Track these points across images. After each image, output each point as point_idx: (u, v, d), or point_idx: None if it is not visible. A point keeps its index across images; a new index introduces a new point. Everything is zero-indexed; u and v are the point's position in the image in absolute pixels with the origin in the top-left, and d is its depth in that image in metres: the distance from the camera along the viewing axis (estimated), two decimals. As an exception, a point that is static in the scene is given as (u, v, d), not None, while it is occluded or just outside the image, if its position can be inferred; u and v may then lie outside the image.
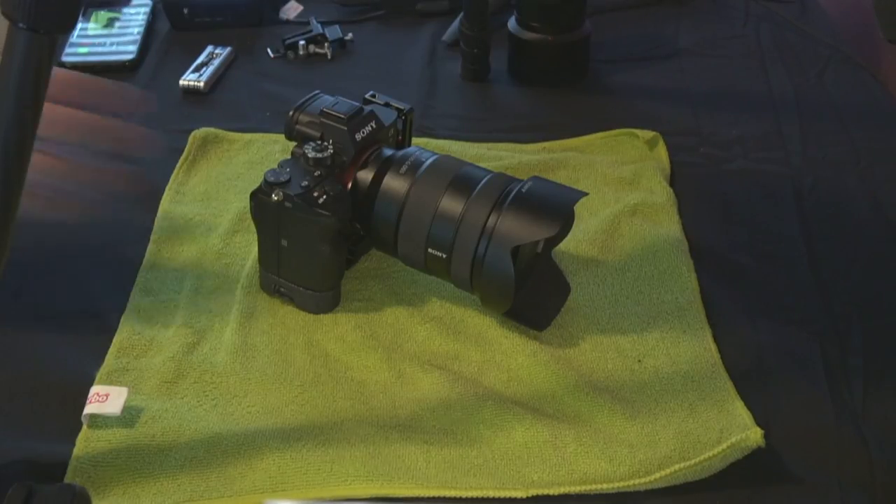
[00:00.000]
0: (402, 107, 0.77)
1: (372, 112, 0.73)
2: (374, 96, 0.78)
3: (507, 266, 0.67)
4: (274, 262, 0.73)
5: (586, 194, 0.70)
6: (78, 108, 0.75)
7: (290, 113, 0.73)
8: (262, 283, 0.75)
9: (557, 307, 0.73)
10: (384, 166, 0.72)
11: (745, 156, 0.93)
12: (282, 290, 0.73)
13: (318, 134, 0.72)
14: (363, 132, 0.72)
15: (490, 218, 0.68)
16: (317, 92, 0.75)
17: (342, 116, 0.71)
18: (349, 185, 0.72)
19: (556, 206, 0.69)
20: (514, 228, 0.67)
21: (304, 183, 0.69)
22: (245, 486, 0.62)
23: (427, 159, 0.72)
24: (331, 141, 0.72)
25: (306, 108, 0.73)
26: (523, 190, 0.68)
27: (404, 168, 0.71)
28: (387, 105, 0.77)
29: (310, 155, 0.71)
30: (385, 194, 0.71)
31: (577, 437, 0.64)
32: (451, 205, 0.69)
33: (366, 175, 0.72)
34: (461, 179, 0.70)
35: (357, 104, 0.73)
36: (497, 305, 0.70)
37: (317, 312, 0.74)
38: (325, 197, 0.69)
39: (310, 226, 0.69)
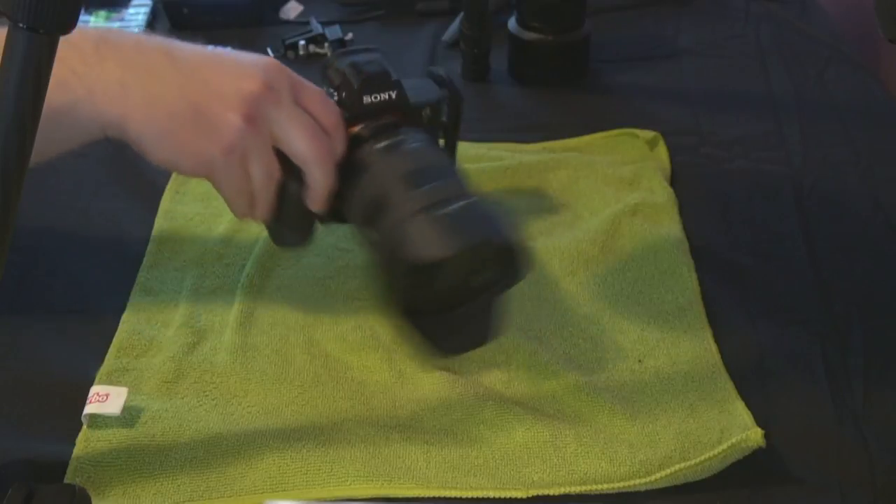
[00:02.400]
0: (452, 93, 0.74)
1: (397, 82, 0.71)
2: (440, 73, 0.75)
3: (399, 274, 0.64)
4: None
5: (517, 239, 0.65)
6: None
7: (330, 54, 0.72)
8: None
9: (465, 348, 0.69)
10: (374, 135, 0.69)
11: (745, 156, 0.93)
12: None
13: (336, 82, 0.70)
14: (375, 97, 0.70)
15: (411, 219, 0.64)
16: (375, 48, 0.73)
17: (360, 74, 0.69)
18: None
19: (468, 233, 0.63)
20: (417, 239, 0.63)
21: None
22: (245, 486, 0.62)
23: (409, 144, 0.69)
24: (343, 94, 0.70)
25: (346, 56, 0.71)
26: (459, 205, 0.64)
27: (383, 144, 0.69)
28: (443, 86, 0.74)
29: None
30: (352, 161, 0.69)
31: (577, 437, 0.64)
32: (395, 193, 0.66)
33: (355, 137, 0.70)
34: (419, 172, 0.67)
35: (388, 71, 0.70)
36: (385, 308, 0.67)
37: (282, 245, 0.74)
38: None
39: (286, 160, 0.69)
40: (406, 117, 0.71)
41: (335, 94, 0.70)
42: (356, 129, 0.70)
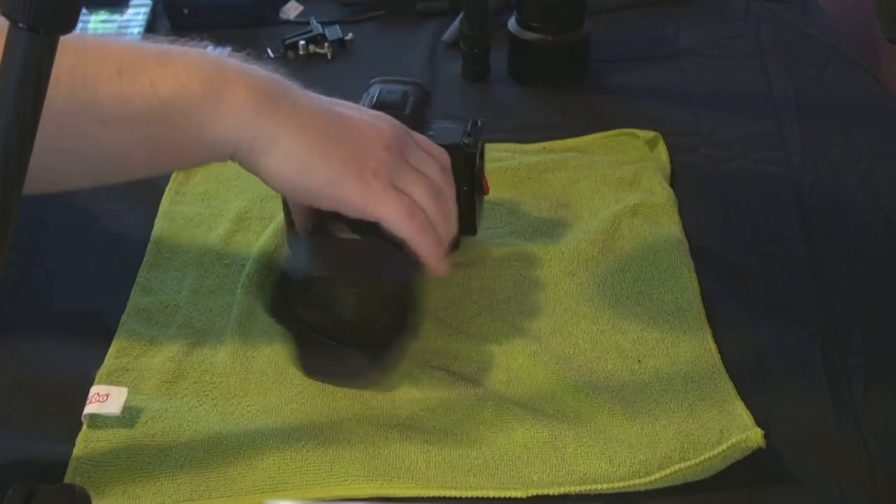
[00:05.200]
0: (470, 147, 0.74)
1: (412, 118, 0.73)
2: (477, 123, 0.76)
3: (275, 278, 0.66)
4: None
5: (406, 283, 0.66)
6: None
7: (372, 80, 0.76)
8: None
9: (330, 378, 0.69)
10: None
11: (745, 156, 0.93)
12: None
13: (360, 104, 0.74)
14: None
15: (315, 234, 0.67)
16: (420, 83, 0.76)
17: (373, 103, 0.73)
18: None
19: (335, 264, 0.65)
20: (295, 253, 0.67)
21: None
22: (245, 486, 0.62)
23: None
24: None
25: (380, 84, 0.75)
26: (363, 239, 0.65)
27: None
28: (469, 134, 0.75)
29: None
30: None
31: (577, 438, 0.64)
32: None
33: None
34: None
35: (402, 106, 0.73)
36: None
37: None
38: None
39: None
40: None
41: None
42: None
